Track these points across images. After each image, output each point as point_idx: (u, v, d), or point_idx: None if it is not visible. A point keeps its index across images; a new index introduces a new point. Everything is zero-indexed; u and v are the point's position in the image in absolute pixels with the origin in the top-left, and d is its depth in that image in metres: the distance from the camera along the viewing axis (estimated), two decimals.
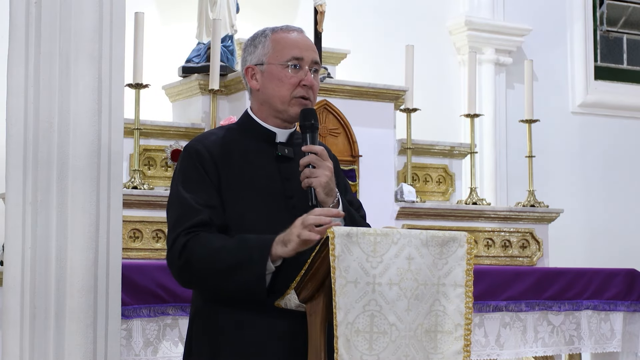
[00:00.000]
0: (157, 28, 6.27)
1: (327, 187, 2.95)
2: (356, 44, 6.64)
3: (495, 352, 5.07)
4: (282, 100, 3.07)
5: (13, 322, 3.54)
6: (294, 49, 3.07)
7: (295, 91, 3.06)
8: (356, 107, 5.80)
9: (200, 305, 3.07)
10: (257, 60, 3.11)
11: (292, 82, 3.05)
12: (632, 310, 5.43)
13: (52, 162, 3.57)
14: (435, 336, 2.88)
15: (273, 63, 3.07)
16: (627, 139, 8.05)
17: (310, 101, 3.08)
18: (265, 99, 3.11)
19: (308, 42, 3.13)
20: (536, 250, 6.25)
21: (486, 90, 7.39)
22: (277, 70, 3.06)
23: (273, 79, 3.07)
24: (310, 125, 3.01)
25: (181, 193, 3.01)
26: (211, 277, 2.90)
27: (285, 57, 3.06)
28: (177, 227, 2.95)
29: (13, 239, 3.57)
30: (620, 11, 8.30)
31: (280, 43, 3.08)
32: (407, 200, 5.92)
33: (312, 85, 3.07)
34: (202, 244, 2.90)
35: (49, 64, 3.59)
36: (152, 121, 5.57)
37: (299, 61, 3.06)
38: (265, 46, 3.10)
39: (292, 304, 2.89)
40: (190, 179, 3.02)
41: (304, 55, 3.07)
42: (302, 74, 3.06)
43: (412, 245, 2.85)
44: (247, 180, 3.03)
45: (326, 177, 2.94)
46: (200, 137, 3.15)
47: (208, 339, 3.00)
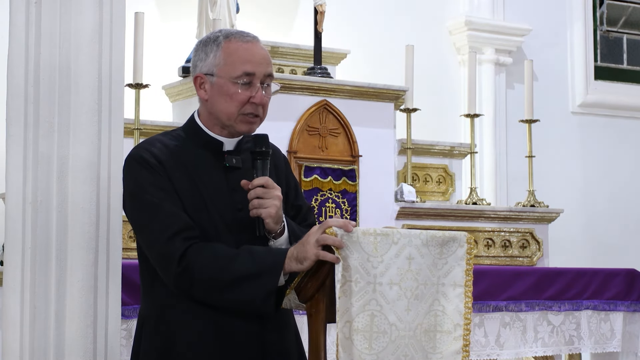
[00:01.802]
0: (157, 28, 6.27)
1: (275, 217, 2.90)
2: (356, 44, 6.64)
3: (495, 352, 5.07)
4: (228, 117, 2.97)
5: (13, 322, 3.54)
6: (246, 64, 2.93)
7: (243, 108, 2.95)
8: (356, 107, 5.80)
9: (150, 308, 3.02)
10: (207, 69, 2.98)
11: (241, 100, 2.94)
12: (632, 310, 5.43)
13: (52, 162, 3.57)
14: (434, 336, 2.88)
15: (223, 77, 2.95)
16: (627, 139, 8.05)
17: (259, 117, 2.98)
18: (212, 111, 3.01)
19: (262, 53, 2.97)
20: (536, 250, 6.25)
21: (486, 90, 7.39)
22: (227, 86, 2.94)
23: (222, 94, 2.95)
24: (261, 152, 2.95)
25: (149, 199, 2.89)
26: (215, 288, 2.83)
27: (236, 72, 2.93)
28: (165, 232, 2.85)
29: (13, 239, 3.56)
30: (620, 11, 8.30)
31: (232, 56, 2.95)
32: (407, 200, 5.92)
33: (261, 103, 2.96)
34: (206, 253, 2.84)
35: (48, 64, 3.59)
36: (152, 121, 5.57)
37: (250, 77, 2.93)
38: (216, 56, 2.96)
39: (292, 304, 2.89)
40: (152, 185, 2.90)
41: (256, 70, 2.93)
42: (253, 90, 2.94)
43: (413, 245, 2.85)
44: (195, 191, 2.93)
45: (275, 208, 2.89)
46: (144, 145, 3.01)
47: (160, 339, 2.95)
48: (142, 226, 2.95)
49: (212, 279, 2.82)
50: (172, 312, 2.94)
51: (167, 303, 2.95)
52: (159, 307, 2.99)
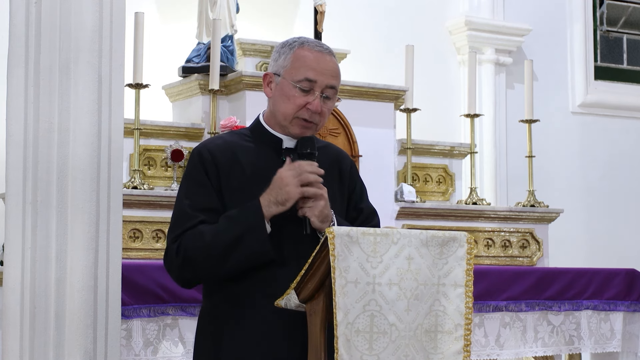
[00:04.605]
0: (157, 28, 6.27)
1: (321, 216, 2.98)
2: (356, 44, 6.64)
3: (495, 352, 5.07)
4: (284, 117, 3.08)
5: (13, 322, 3.55)
6: (310, 71, 3.04)
7: (299, 112, 3.06)
8: (356, 107, 5.80)
9: (205, 303, 3.12)
10: (276, 69, 3.11)
11: (298, 103, 3.05)
12: (632, 310, 5.43)
13: (52, 162, 3.57)
14: (435, 336, 2.88)
15: (286, 79, 3.06)
16: (627, 139, 8.05)
17: (315, 124, 3.08)
18: (273, 110, 3.13)
19: (329, 65, 3.08)
20: (536, 250, 6.25)
21: (486, 90, 7.39)
22: (288, 88, 3.06)
23: (282, 94, 3.07)
24: (307, 154, 3.04)
25: (181, 198, 3.06)
26: (215, 261, 2.94)
27: (299, 76, 3.04)
28: (170, 234, 3.03)
29: (13, 239, 3.57)
30: (620, 11, 8.30)
31: (299, 60, 3.06)
32: (407, 200, 5.92)
33: (317, 111, 3.05)
34: (194, 237, 2.96)
35: (49, 64, 3.59)
36: (152, 121, 5.57)
37: (311, 84, 3.04)
38: (286, 58, 3.08)
39: (292, 304, 2.89)
40: (192, 181, 3.06)
41: (317, 78, 3.04)
42: (311, 97, 3.05)
43: (412, 245, 2.85)
44: (249, 185, 3.04)
45: (320, 207, 2.98)
46: (206, 140, 3.20)
47: (211, 332, 3.03)
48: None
49: (208, 255, 2.94)
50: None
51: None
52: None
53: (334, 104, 3.14)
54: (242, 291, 3.00)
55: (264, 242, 2.92)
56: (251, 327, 2.98)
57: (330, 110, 3.12)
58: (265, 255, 2.94)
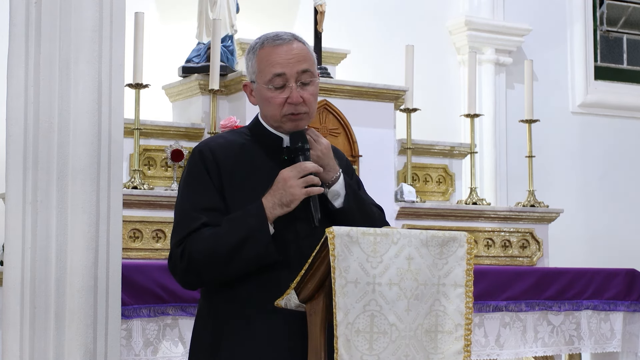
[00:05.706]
0: (157, 28, 6.27)
1: (325, 158, 3.03)
2: (356, 44, 6.64)
3: (495, 352, 5.07)
4: (274, 119, 3.09)
5: (13, 322, 3.55)
6: (274, 67, 3.03)
7: (283, 110, 3.05)
8: (356, 107, 5.80)
9: (203, 303, 3.12)
10: (249, 77, 3.13)
11: (279, 102, 3.05)
12: (632, 310, 5.43)
13: (52, 162, 3.57)
14: (436, 336, 2.88)
15: (259, 83, 3.07)
16: (627, 139, 8.05)
17: (304, 114, 3.08)
18: (263, 114, 3.15)
19: (292, 52, 3.05)
20: (536, 250, 6.25)
21: (486, 90, 7.39)
22: (264, 91, 3.06)
23: (262, 99, 3.08)
24: (300, 148, 3.04)
25: (182, 198, 3.07)
26: (219, 265, 2.94)
27: (268, 76, 3.04)
28: (174, 236, 3.02)
29: (13, 239, 3.57)
30: (620, 11, 8.30)
31: (262, 61, 3.06)
32: (407, 200, 5.92)
33: (298, 102, 3.05)
34: (197, 241, 2.95)
35: (49, 64, 3.59)
36: (152, 121, 5.57)
37: (282, 78, 3.03)
38: (253, 64, 3.09)
39: (292, 304, 2.89)
40: (193, 180, 3.06)
41: (284, 70, 3.03)
42: (287, 91, 3.04)
43: (412, 245, 2.85)
44: (251, 183, 3.05)
45: (321, 148, 3.04)
46: (207, 139, 3.20)
47: (210, 331, 3.04)
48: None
49: (212, 257, 2.94)
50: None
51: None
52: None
53: (316, 87, 3.11)
54: (242, 291, 3.00)
55: (267, 244, 2.93)
56: (251, 327, 2.98)
57: (314, 93, 3.10)
58: (270, 258, 2.95)
